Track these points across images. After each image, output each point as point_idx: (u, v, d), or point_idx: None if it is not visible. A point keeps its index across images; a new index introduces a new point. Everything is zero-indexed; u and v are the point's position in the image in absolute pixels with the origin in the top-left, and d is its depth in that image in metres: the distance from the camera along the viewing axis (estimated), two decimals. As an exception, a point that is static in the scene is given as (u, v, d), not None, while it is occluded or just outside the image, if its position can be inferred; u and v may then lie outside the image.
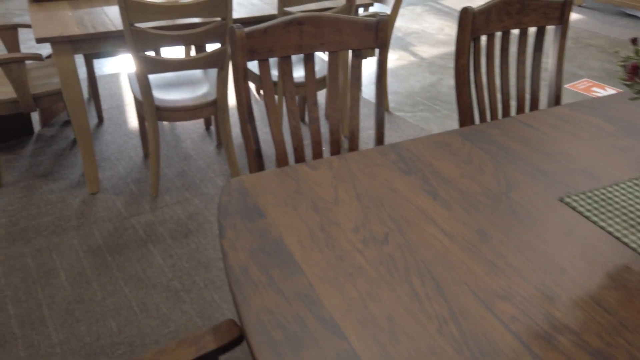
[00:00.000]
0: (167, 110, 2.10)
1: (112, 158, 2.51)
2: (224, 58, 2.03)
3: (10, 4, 5.00)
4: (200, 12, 1.86)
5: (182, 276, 1.81)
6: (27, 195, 2.21)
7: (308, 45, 1.32)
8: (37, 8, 2.14)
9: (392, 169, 1.06)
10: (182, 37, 1.89)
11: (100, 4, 2.23)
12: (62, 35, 1.84)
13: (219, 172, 2.42)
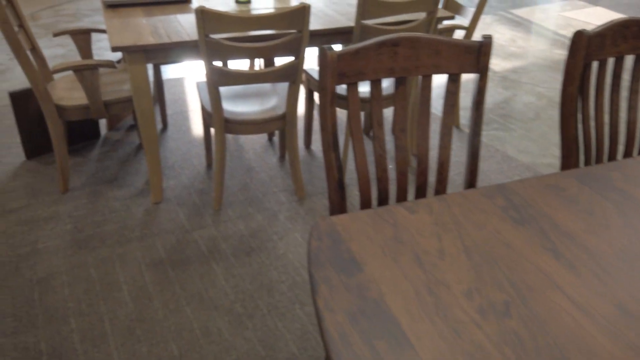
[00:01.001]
0: (235, 123, 2.03)
1: (176, 166, 2.48)
2: (297, 72, 1.95)
3: (80, 4, 5.16)
4: (277, 24, 1.78)
5: (244, 299, 1.73)
6: (93, 201, 2.21)
7: (401, 68, 1.21)
8: (112, 14, 2.13)
9: (501, 217, 0.93)
10: (257, 49, 1.82)
11: (174, 11, 2.20)
12: (136, 45, 1.81)
13: (281, 187, 2.34)
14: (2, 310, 1.67)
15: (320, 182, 2.38)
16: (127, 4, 2.24)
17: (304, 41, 1.87)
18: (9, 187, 2.28)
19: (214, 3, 2.34)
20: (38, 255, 1.90)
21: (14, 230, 2.02)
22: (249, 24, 1.75)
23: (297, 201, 2.25)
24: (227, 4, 2.34)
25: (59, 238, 1.99)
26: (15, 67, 3.58)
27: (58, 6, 5.09)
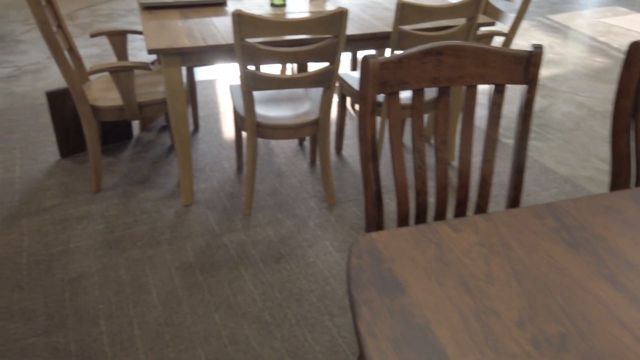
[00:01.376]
0: (268, 127, 2.01)
1: (207, 169, 2.48)
2: (332, 77, 1.92)
3: (116, 4, 5.25)
4: (314, 29, 1.76)
5: (273, 307, 1.71)
6: (124, 202, 2.22)
7: (445, 77, 1.16)
8: (148, 16, 2.14)
9: (554, 240, 0.88)
10: (293, 54, 1.80)
11: (210, 14, 2.19)
12: (172, 47, 1.80)
13: (312, 193, 2.31)
14: (34, 309, 1.68)
15: (351, 189, 2.34)
16: (163, 6, 2.25)
17: (340, 46, 1.84)
18: (44, 185, 2.31)
19: (249, 6, 2.33)
20: (70, 255, 1.91)
21: (48, 229, 2.04)
22: (286, 28, 1.73)
23: (327, 208, 2.22)
24: (262, 7, 2.33)
25: (91, 238, 2.00)
26: (52, 66, 3.65)
27: (94, 6, 5.19)
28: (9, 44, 4.08)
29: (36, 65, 3.65)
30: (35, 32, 4.36)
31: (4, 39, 4.19)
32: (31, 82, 3.38)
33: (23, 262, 1.87)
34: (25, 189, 2.28)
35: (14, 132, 2.75)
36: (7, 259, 1.88)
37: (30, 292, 1.74)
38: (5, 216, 2.10)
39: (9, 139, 2.67)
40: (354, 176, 2.44)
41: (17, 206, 2.17)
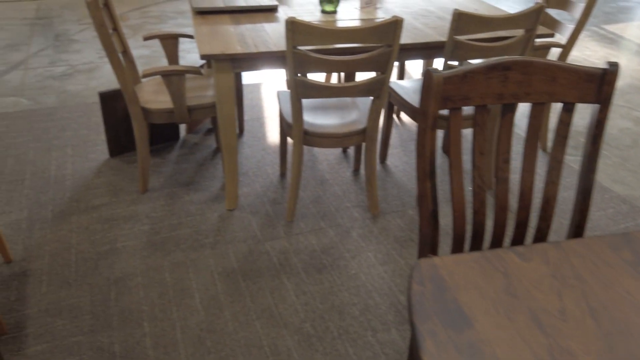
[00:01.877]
0: (315, 135, 1.99)
1: (250, 173, 2.48)
2: (383, 87, 1.88)
3: (165, 7, 5.36)
4: (368, 37, 1.72)
5: (315, 319, 1.68)
6: (170, 203, 2.24)
7: (511, 94, 1.11)
8: (200, 21, 2.15)
9: (632, 276, 0.82)
10: (345, 63, 1.77)
11: (261, 19, 2.19)
12: (225, 53, 1.81)
13: (355, 202, 2.28)
14: (81, 306, 1.71)
15: (394, 200, 2.29)
16: (215, 11, 2.27)
17: (393, 56, 1.80)
18: (93, 183, 2.36)
19: (299, 12, 2.32)
20: (116, 255, 1.94)
21: (96, 227, 2.08)
22: (340, 37, 1.70)
23: (370, 218, 2.18)
24: (313, 13, 2.31)
25: (137, 238, 2.02)
26: (104, 66, 3.75)
27: (145, 8, 5.32)
28: (64, 42, 4.22)
29: (89, 65, 3.76)
30: (89, 32, 4.50)
31: (59, 38, 4.34)
32: (84, 81, 3.48)
33: (72, 259, 1.91)
34: (76, 186, 2.34)
35: (67, 129, 2.83)
36: (57, 255, 1.92)
37: (77, 289, 1.78)
38: (57, 212, 2.16)
39: (61, 137, 2.75)
40: (398, 187, 2.39)
41: (68, 203, 2.22)
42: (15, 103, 3.14)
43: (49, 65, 3.74)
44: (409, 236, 2.07)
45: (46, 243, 1.98)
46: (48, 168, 2.47)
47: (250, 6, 2.28)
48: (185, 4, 5.48)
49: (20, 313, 1.67)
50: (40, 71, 3.63)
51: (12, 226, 2.07)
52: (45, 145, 2.67)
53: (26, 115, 2.98)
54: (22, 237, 2.01)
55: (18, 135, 2.76)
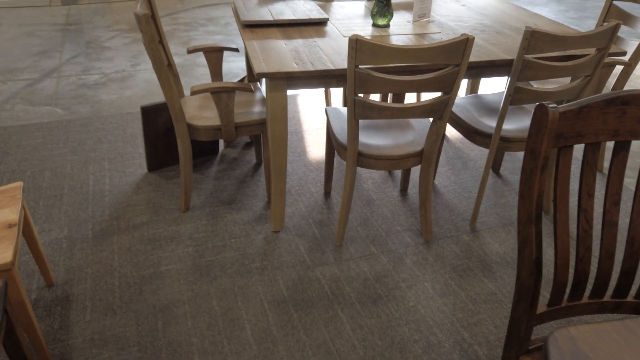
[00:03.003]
0: (370, 157, 1.89)
1: (293, 192, 2.39)
2: (446, 108, 1.77)
3: (195, 13, 5.31)
4: (436, 57, 1.62)
5: (374, 357, 1.57)
6: (212, 223, 2.15)
7: (628, 131, 1.00)
8: (250, 35, 2.07)
9: None
10: (409, 83, 1.67)
11: (311, 34, 2.10)
12: (281, 72, 1.71)
13: (405, 226, 2.17)
14: (127, 337, 1.62)
15: (446, 224, 2.18)
16: (264, 24, 2.18)
17: (461, 76, 1.69)
18: (132, 200, 2.29)
19: (349, 25, 2.22)
20: (161, 279, 1.85)
21: (138, 248, 2.00)
22: (407, 56, 1.60)
23: (423, 244, 2.07)
24: (364, 27, 2.21)
25: (181, 261, 1.94)
26: (137, 74, 3.70)
27: (175, 14, 5.28)
28: (95, 50, 4.18)
29: (121, 74, 3.70)
30: (119, 39, 4.46)
31: (90, 45, 4.31)
32: (117, 90, 3.42)
33: (115, 283, 1.83)
34: (115, 203, 2.26)
35: (103, 142, 2.76)
36: (100, 279, 1.84)
37: (122, 318, 1.69)
38: (97, 231, 2.08)
39: (98, 149, 2.69)
40: (450, 209, 2.28)
41: (108, 221, 2.15)
42: (50, 113, 3.09)
43: (82, 74, 3.69)
44: (466, 265, 1.96)
45: (88, 265, 1.91)
46: (86, 183, 2.41)
47: (300, 20, 2.19)
48: (215, 10, 5.43)
49: (65, 343, 1.59)
50: (74, 79, 3.58)
51: (53, 245, 2.00)
52: (82, 158, 2.61)
53: (62, 125, 2.93)
54: (63, 257, 1.94)
55: (54, 147, 2.70)
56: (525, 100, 1.89)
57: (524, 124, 2.10)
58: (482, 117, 2.14)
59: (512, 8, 2.57)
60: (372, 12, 2.20)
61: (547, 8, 5.92)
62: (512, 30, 2.20)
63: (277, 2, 2.46)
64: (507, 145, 2.04)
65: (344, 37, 2.08)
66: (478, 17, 2.40)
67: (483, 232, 2.14)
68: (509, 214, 2.26)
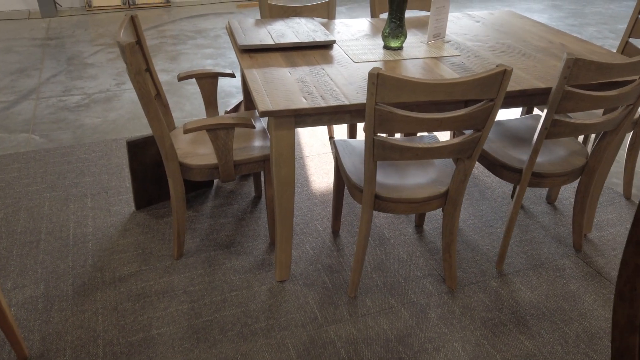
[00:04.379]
0: (389, 201, 1.67)
1: (298, 230, 2.15)
2: (477, 146, 1.55)
3: (183, 25, 5.06)
4: (469, 91, 1.40)
5: None
6: (209, 272, 1.91)
7: None
8: (249, 62, 1.84)
9: None
10: (437, 121, 1.45)
11: (317, 59, 1.87)
12: (289, 109, 1.49)
13: (425, 270, 1.94)
14: None
15: (470, 266, 1.96)
16: (264, 49, 1.95)
17: (496, 111, 1.48)
18: (119, 246, 2.04)
19: (358, 48, 2.00)
20: (152, 347, 1.61)
21: (125, 307, 1.75)
22: (436, 92, 1.38)
23: (447, 293, 1.85)
24: (374, 50, 1.99)
25: (175, 323, 1.70)
26: (123, 94, 3.44)
27: (161, 26, 5.02)
28: (77, 67, 3.92)
29: (106, 94, 3.45)
30: (103, 54, 4.20)
31: (72, 61, 4.04)
32: (101, 113, 3.17)
33: (99, 354, 1.58)
34: (99, 249, 2.02)
35: (85, 174, 2.51)
36: (81, 349, 1.60)
37: (108, 399, 1.45)
38: (78, 286, 1.83)
39: (80, 183, 2.44)
40: (471, 248, 2.06)
41: (91, 273, 1.90)
42: (27, 141, 2.83)
43: (63, 94, 3.43)
44: (498, 318, 1.74)
45: (67, 331, 1.66)
46: (66, 225, 2.15)
47: (304, 43, 1.96)
48: (204, 21, 5.18)
49: None
50: (53, 101, 3.32)
51: (27, 306, 1.75)
52: (62, 194, 2.35)
53: (40, 156, 2.67)
54: (39, 321, 1.69)
55: (31, 181, 2.44)
56: (563, 133, 1.68)
57: (556, 155, 1.90)
58: (507, 149, 1.93)
59: (530, 23, 2.37)
60: (384, 33, 1.98)
61: (545, 15, 5.76)
62: (539, 51, 1.99)
63: (275, 21, 2.23)
64: (540, 181, 1.83)
65: (354, 62, 1.86)
66: (496, 35, 2.19)
67: (511, 275, 1.93)
68: (537, 252, 2.05)
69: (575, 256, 2.03)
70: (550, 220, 2.24)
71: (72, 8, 5.58)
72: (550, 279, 1.91)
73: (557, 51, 2.00)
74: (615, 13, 5.87)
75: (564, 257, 2.03)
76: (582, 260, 2.01)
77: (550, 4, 6.27)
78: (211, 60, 4.09)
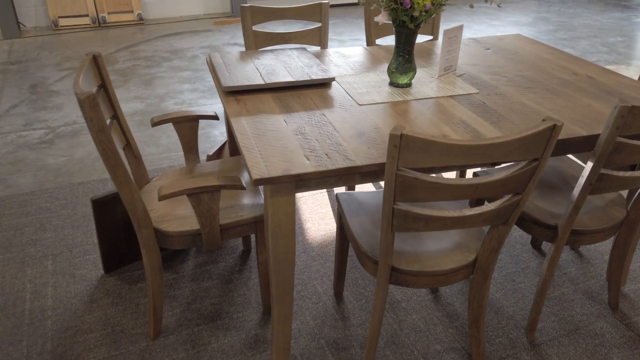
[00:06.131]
0: (407, 274, 1.40)
1: (295, 293, 1.87)
2: (515, 211, 1.30)
3: (158, 45, 4.75)
4: (511, 153, 1.14)
5: None
6: (192, 354, 1.61)
7: None
8: (236, 108, 1.55)
9: None
10: (472, 188, 1.18)
11: (316, 101, 1.60)
12: (290, 175, 1.21)
13: (446, 343, 1.67)
14: None
15: (497, 335, 1.70)
16: (252, 89, 1.67)
17: (539, 173, 1.22)
18: (84, 323, 1.72)
19: (361, 85, 1.74)
20: None
21: (91, 410, 1.44)
22: (471, 154, 1.12)
23: (474, 371, 1.58)
24: (379, 87, 1.73)
25: None
26: (91, 127, 3.11)
27: (134, 46, 4.70)
28: (41, 96, 3.57)
29: (72, 127, 3.11)
30: (70, 80, 3.86)
31: (36, 89, 3.69)
32: (66, 150, 2.83)
33: None
34: (60, 329, 1.69)
35: (46, 228, 2.18)
36: None
37: None
38: (33, 382, 1.51)
39: (39, 240, 2.11)
40: (495, 310, 1.80)
41: (49, 362, 1.58)
42: (-21, 188, 2.48)
43: (24, 129, 3.08)
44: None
45: None
46: (21, 296, 1.82)
47: (301, 81, 1.68)
48: (179, 40, 4.87)
49: None
50: (12, 137, 2.97)
51: (-33, 415, 1.42)
52: (18, 256, 2.02)
53: (-7, 206, 2.33)
54: None
55: (-19, 240, 2.10)
56: (609, 188, 1.44)
57: (593, 206, 1.65)
58: (535, 199, 1.68)
59: (545, 50, 2.14)
60: (390, 69, 1.72)
61: (535, 28, 5.61)
62: (565, 86, 1.76)
63: (263, 54, 1.95)
64: (577, 238, 1.58)
65: (359, 105, 1.59)
66: (513, 65, 1.96)
67: (545, 346, 1.67)
68: (569, 313, 1.80)
69: (612, 316, 1.79)
70: (577, 270, 2.00)
71: (37, 28, 5.22)
72: (589, 349, 1.66)
73: (586, 85, 1.77)
74: (603, 25, 5.76)
75: (600, 318, 1.78)
76: (621, 322, 1.76)
77: (537, 16, 6.14)
78: (189, 84, 3.79)
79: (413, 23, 1.58)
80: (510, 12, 6.31)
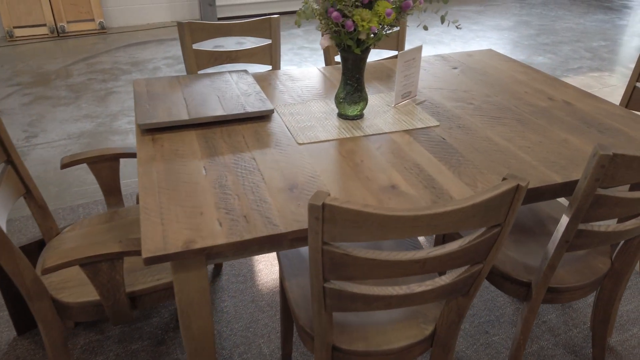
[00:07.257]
0: (352, 354, 1.16)
1: (236, 355, 1.62)
2: (476, 282, 1.07)
3: (119, 56, 4.47)
4: (467, 220, 0.91)
5: None
6: None
7: None
8: (149, 149, 1.30)
9: None
10: (419, 264, 0.95)
11: (248, 140, 1.36)
12: (192, 250, 0.96)
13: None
14: None
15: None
16: (174, 126, 1.42)
17: (502, 239, 0.99)
18: (-18, 403, 1.47)
19: (303, 116, 1.50)
20: None
21: None
22: (416, 227, 0.88)
23: None
24: (325, 120, 1.49)
25: None
26: (31, 151, 2.84)
27: (93, 57, 4.42)
28: (-18, 115, 3.29)
29: (9, 152, 2.84)
30: (17, 97, 3.57)
31: (-22, 108, 3.41)
32: (-1, 180, 2.56)
33: None
34: (-47, 410, 1.44)
35: (-41, 278, 1.91)
36: None
37: None
38: None
39: (-52, 293, 1.84)
40: (464, 371, 1.57)
41: None
42: None
43: (-45, 155, 2.80)
44: None
45: None
46: None
47: (232, 115, 1.44)
48: (143, 50, 4.60)
49: None
50: (-59, 166, 2.69)
51: None
52: None
53: None
54: None
55: None
56: (591, 244, 1.21)
57: (572, 257, 1.43)
58: (509, 248, 1.46)
59: (518, 69, 1.92)
60: (338, 98, 1.48)
61: (516, 33, 5.42)
62: (539, 115, 1.53)
63: (197, 79, 1.70)
64: (554, 296, 1.36)
65: (298, 144, 1.35)
66: (481, 89, 1.73)
67: (520, 417, 1.45)
68: (549, 372, 1.58)
69: None
70: (557, 318, 1.78)
71: (-9, 38, 4.91)
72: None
73: (563, 114, 1.55)
74: (586, 28, 5.58)
75: (583, 378, 1.57)
76: None
77: (518, 19, 5.96)
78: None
79: (360, 47, 1.35)
80: (490, 15, 6.13)
